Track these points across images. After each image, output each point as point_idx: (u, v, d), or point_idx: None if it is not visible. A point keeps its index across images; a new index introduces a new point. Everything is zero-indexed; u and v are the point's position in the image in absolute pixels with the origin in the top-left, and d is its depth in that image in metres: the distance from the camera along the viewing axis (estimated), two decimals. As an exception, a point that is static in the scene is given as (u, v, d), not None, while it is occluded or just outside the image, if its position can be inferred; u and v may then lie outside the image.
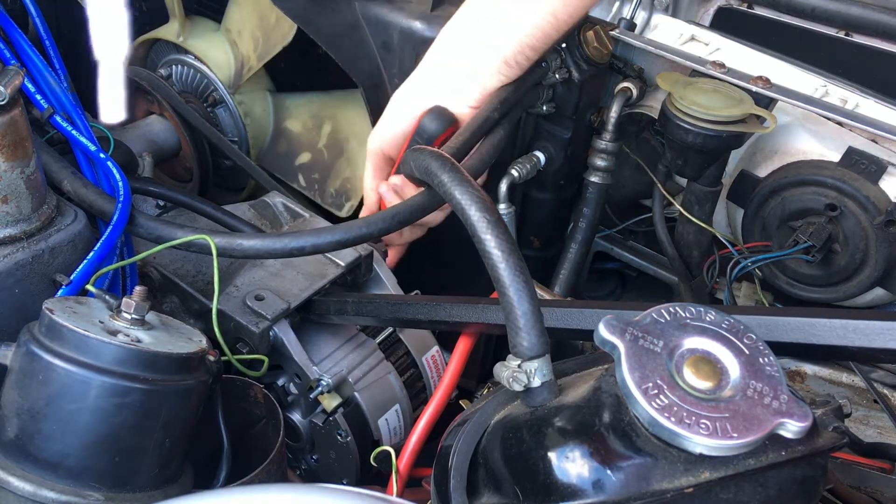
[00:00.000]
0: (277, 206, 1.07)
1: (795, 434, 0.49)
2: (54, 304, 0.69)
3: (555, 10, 0.90)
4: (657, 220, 1.16)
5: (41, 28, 0.98)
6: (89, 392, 0.64)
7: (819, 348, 0.63)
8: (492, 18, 0.92)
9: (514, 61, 0.93)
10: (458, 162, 0.74)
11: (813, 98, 1.01)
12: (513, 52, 0.92)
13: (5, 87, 0.72)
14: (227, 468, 0.77)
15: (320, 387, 0.89)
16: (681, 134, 0.97)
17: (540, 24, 0.90)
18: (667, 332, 0.53)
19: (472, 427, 0.62)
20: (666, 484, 0.50)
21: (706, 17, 1.22)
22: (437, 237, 1.13)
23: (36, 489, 0.64)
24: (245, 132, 1.29)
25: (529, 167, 1.08)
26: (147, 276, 0.94)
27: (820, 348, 0.63)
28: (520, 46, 0.91)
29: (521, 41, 0.91)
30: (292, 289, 0.94)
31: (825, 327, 0.62)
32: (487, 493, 0.60)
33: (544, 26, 0.90)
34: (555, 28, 0.91)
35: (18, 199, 0.77)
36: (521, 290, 0.60)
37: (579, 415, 0.55)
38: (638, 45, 1.09)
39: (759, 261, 1.06)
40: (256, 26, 1.24)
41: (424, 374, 1.01)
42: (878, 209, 0.97)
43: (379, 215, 0.83)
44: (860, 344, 0.61)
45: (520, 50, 0.92)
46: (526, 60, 0.93)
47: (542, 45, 0.92)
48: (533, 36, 0.91)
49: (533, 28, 0.90)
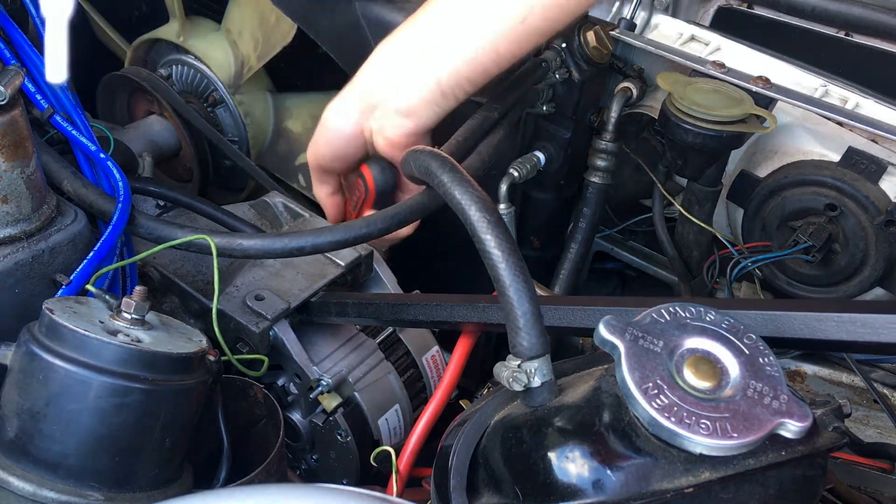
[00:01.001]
0: (277, 206, 1.07)
1: (795, 434, 0.49)
2: (54, 304, 0.69)
3: (496, 45, 0.83)
4: (657, 220, 1.16)
5: (41, 28, 0.98)
6: (89, 392, 0.64)
7: (826, 343, 0.62)
8: (432, 44, 0.85)
9: (452, 94, 0.86)
10: (458, 162, 0.74)
11: (813, 98, 1.01)
12: (451, 85, 0.85)
13: (5, 87, 0.72)
14: (227, 468, 0.77)
15: (320, 387, 0.89)
16: (681, 134, 0.97)
17: (480, 58, 0.84)
18: (667, 332, 0.53)
19: (472, 427, 0.62)
20: (666, 484, 0.50)
21: (706, 17, 1.22)
22: (437, 237, 1.13)
23: (36, 489, 0.64)
24: (245, 132, 1.29)
25: (529, 167, 1.08)
26: (147, 276, 0.94)
27: (827, 343, 0.62)
28: (458, 79, 0.85)
29: (459, 72, 0.84)
30: (292, 289, 0.94)
31: (830, 322, 0.61)
32: (487, 493, 0.60)
33: (484, 61, 0.84)
34: (495, 64, 0.85)
35: (18, 199, 0.77)
36: (521, 290, 0.60)
37: (579, 415, 0.55)
38: (638, 45, 1.09)
39: (759, 261, 1.06)
40: (256, 26, 1.24)
41: (424, 374, 1.01)
42: (878, 209, 0.97)
43: (378, 215, 0.83)
44: (868, 339, 0.60)
45: (457, 83, 0.85)
46: (463, 94, 0.86)
47: (480, 79, 0.85)
48: (472, 70, 0.84)
49: (473, 62, 0.84)
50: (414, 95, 0.86)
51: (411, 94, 0.86)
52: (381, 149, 0.90)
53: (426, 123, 0.88)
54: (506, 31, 0.82)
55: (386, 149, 0.90)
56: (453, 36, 0.84)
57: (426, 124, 0.88)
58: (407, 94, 0.86)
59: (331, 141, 0.93)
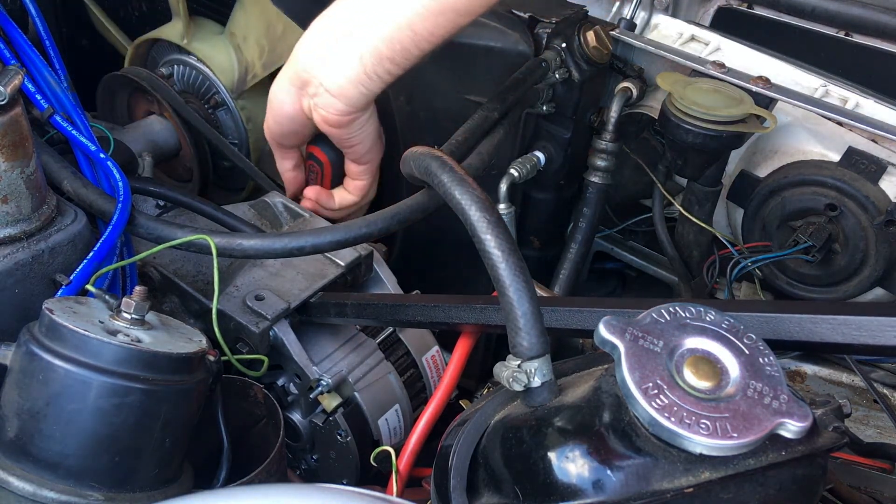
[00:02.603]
0: (277, 206, 1.07)
1: (795, 434, 0.49)
2: (54, 304, 0.69)
3: (412, 24, 0.84)
4: (657, 220, 1.16)
5: (41, 28, 0.98)
6: (89, 392, 0.64)
7: (822, 346, 0.62)
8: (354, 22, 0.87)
9: (375, 73, 0.87)
10: (458, 162, 0.74)
11: (813, 98, 1.01)
12: (373, 64, 0.87)
13: (5, 87, 0.72)
14: (227, 468, 0.77)
15: (320, 387, 0.89)
16: (681, 134, 0.97)
17: (397, 37, 0.85)
18: (667, 332, 0.53)
19: (472, 427, 0.62)
20: (666, 484, 0.50)
21: (706, 17, 1.22)
22: (438, 237, 1.13)
23: (36, 489, 0.64)
24: (246, 136, 1.29)
25: (529, 167, 1.08)
26: (147, 276, 0.94)
27: (823, 346, 0.62)
28: (379, 59, 0.86)
29: (379, 52, 0.86)
30: (292, 289, 0.94)
31: (826, 324, 0.61)
32: (487, 493, 0.60)
33: (402, 39, 0.85)
34: (413, 43, 0.86)
35: (18, 199, 0.77)
36: (521, 290, 0.60)
37: (579, 415, 0.55)
38: (638, 45, 1.09)
39: (759, 261, 1.06)
40: (262, 34, 1.24)
41: (424, 374, 1.01)
42: (878, 209, 0.97)
43: (378, 215, 0.83)
44: (864, 341, 0.60)
45: (378, 62, 0.86)
46: (386, 74, 0.88)
47: (400, 58, 0.86)
48: (391, 49, 0.86)
49: (390, 41, 0.85)
50: (340, 75, 0.88)
51: (338, 74, 0.88)
52: (319, 126, 0.94)
53: (356, 103, 0.90)
54: (421, 10, 0.84)
55: (323, 126, 0.94)
56: (373, 15, 0.86)
57: (356, 104, 0.90)
58: (334, 73, 0.89)
59: (277, 118, 0.97)
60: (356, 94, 0.89)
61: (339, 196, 1.06)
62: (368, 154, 1.00)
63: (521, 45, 1.04)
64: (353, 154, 1.00)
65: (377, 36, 0.85)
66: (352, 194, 1.05)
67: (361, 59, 0.87)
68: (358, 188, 1.04)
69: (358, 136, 0.96)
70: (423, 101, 1.10)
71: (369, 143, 0.98)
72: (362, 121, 0.94)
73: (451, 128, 0.93)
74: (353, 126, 0.94)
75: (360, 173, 1.03)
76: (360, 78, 0.88)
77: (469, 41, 1.05)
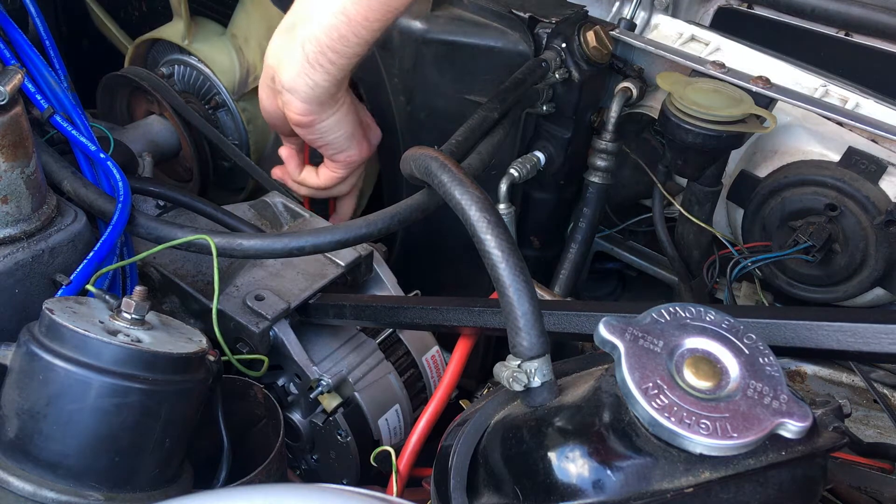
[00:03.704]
0: (277, 206, 1.07)
1: (795, 434, 0.49)
2: (54, 304, 0.69)
3: (346, 10, 0.85)
4: (657, 220, 1.16)
5: (41, 28, 0.98)
6: (89, 392, 0.64)
7: (817, 352, 0.63)
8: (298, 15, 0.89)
9: (318, 63, 0.88)
10: (458, 162, 0.74)
11: (813, 98, 1.01)
12: (314, 53, 0.87)
13: (5, 87, 0.72)
14: (227, 468, 0.77)
15: (320, 387, 0.89)
16: (681, 134, 0.97)
17: (333, 24, 0.85)
18: (667, 332, 0.53)
19: (472, 427, 0.62)
20: (666, 484, 0.50)
21: (706, 17, 1.22)
22: (438, 237, 1.13)
23: (36, 489, 0.64)
24: (247, 137, 1.29)
25: (529, 167, 1.08)
26: (147, 276, 0.94)
27: (817, 352, 0.63)
28: (319, 47, 0.87)
29: (318, 40, 0.86)
30: (292, 289, 0.94)
31: (822, 331, 0.62)
32: (487, 493, 0.60)
33: (338, 26, 0.85)
34: (350, 30, 0.86)
35: (18, 199, 0.77)
36: (521, 290, 0.60)
37: (579, 415, 0.55)
38: (638, 45, 1.09)
39: (759, 261, 1.06)
40: (264, 36, 1.24)
41: (424, 374, 1.01)
42: (878, 209, 0.97)
43: (378, 215, 0.83)
44: (857, 348, 0.61)
45: (320, 51, 0.87)
46: (329, 63, 0.88)
47: (340, 46, 0.86)
48: (329, 37, 0.86)
49: (328, 28, 0.86)
50: (291, 70, 0.90)
51: (289, 70, 0.90)
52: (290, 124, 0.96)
53: (307, 97, 0.91)
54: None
55: (292, 125, 0.96)
56: (311, 6, 0.88)
57: (308, 98, 0.91)
58: (286, 67, 0.90)
59: (266, 115, 1.01)
60: (304, 86, 0.90)
61: (307, 173, 1.08)
62: (340, 154, 1.01)
63: (521, 45, 1.04)
64: (325, 152, 1.02)
65: (315, 25, 0.87)
66: (318, 178, 1.07)
67: (304, 49, 0.88)
68: (327, 176, 1.06)
69: (324, 139, 0.98)
70: (423, 101, 1.10)
71: (341, 144, 1.00)
72: (330, 123, 0.95)
73: (451, 128, 0.93)
74: (318, 128, 0.95)
75: (335, 167, 1.04)
76: (305, 69, 0.89)
77: (469, 41, 1.05)
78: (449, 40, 1.05)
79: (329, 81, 0.90)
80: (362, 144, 1.02)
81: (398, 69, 1.08)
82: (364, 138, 1.03)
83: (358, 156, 1.03)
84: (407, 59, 1.07)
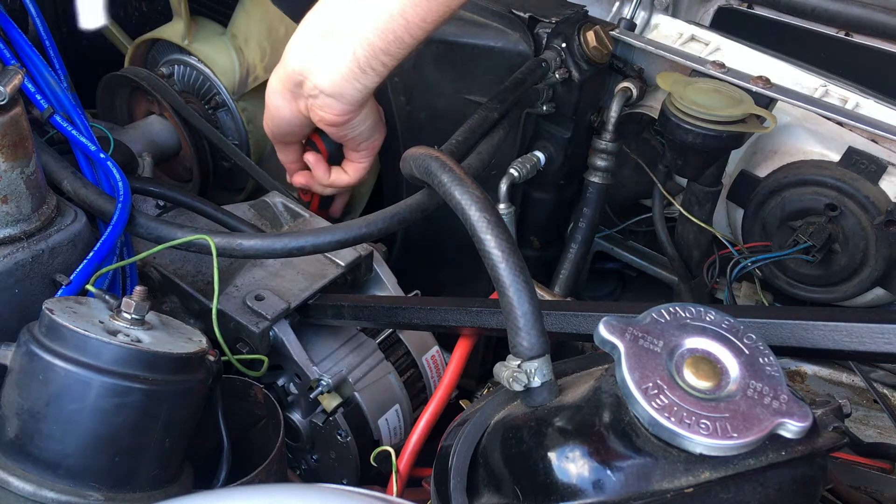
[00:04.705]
0: (277, 206, 1.07)
1: (795, 434, 0.49)
2: (54, 304, 0.69)
3: (404, 12, 0.83)
4: (657, 220, 1.16)
5: (41, 28, 0.98)
6: (89, 392, 0.64)
7: (813, 352, 0.63)
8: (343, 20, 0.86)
9: (370, 67, 0.86)
10: (458, 162, 0.74)
11: (813, 98, 1.01)
12: (366, 57, 0.85)
13: (5, 87, 0.72)
14: (227, 468, 0.77)
15: (320, 387, 0.89)
16: (681, 134, 0.97)
17: (390, 27, 0.84)
18: (667, 332, 0.53)
19: (472, 427, 0.62)
20: (666, 484, 0.50)
21: (706, 17, 1.22)
22: (438, 237, 1.13)
23: (36, 489, 0.64)
24: (247, 137, 1.29)
25: (529, 167, 1.08)
26: (147, 276, 0.94)
27: (814, 352, 0.63)
28: (372, 51, 0.85)
29: (372, 44, 0.84)
30: (292, 289, 0.94)
31: (819, 330, 0.62)
32: (487, 493, 0.60)
33: (395, 29, 0.83)
34: (407, 32, 0.84)
35: (18, 199, 0.77)
36: (521, 290, 0.60)
37: (579, 415, 0.55)
38: (638, 45, 1.09)
39: (759, 261, 1.06)
40: (264, 37, 1.24)
41: (424, 374, 1.01)
42: (878, 209, 0.97)
43: (378, 215, 0.83)
44: (854, 348, 0.61)
45: (373, 55, 0.85)
46: (382, 66, 0.86)
47: (394, 49, 0.85)
48: (384, 40, 0.84)
49: (383, 31, 0.84)
50: (335, 75, 0.87)
51: (332, 74, 0.87)
52: (318, 124, 0.94)
53: (353, 101, 0.90)
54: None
55: (323, 126, 0.94)
56: (361, 9, 0.85)
57: (353, 101, 0.90)
58: (328, 73, 0.87)
59: (275, 121, 0.97)
60: (352, 90, 0.88)
61: (336, 174, 1.06)
62: (367, 142, 1.00)
63: (521, 45, 1.04)
64: (351, 145, 1.00)
65: (369, 28, 0.84)
66: (348, 175, 1.05)
67: (354, 53, 0.85)
68: (356, 169, 1.05)
69: (356, 131, 0.96)
70: (423, 101, 1.10)
71: (368, 134, 0.98)
72: (361, 117, 0.94)
73: (451, 128, 0.93)
74: (352, 123, 0.94)
75: (360, 157, 1.03)
76: (355, 73, 0.87)
77: (469, 41, 1.05)
78: (449, 40, 1.05)
79: (377, 83, 0.89)
80: (382, 128, 1.02)
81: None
82: (381, 121, 1.01)
83: (380, 140, 1.02)
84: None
